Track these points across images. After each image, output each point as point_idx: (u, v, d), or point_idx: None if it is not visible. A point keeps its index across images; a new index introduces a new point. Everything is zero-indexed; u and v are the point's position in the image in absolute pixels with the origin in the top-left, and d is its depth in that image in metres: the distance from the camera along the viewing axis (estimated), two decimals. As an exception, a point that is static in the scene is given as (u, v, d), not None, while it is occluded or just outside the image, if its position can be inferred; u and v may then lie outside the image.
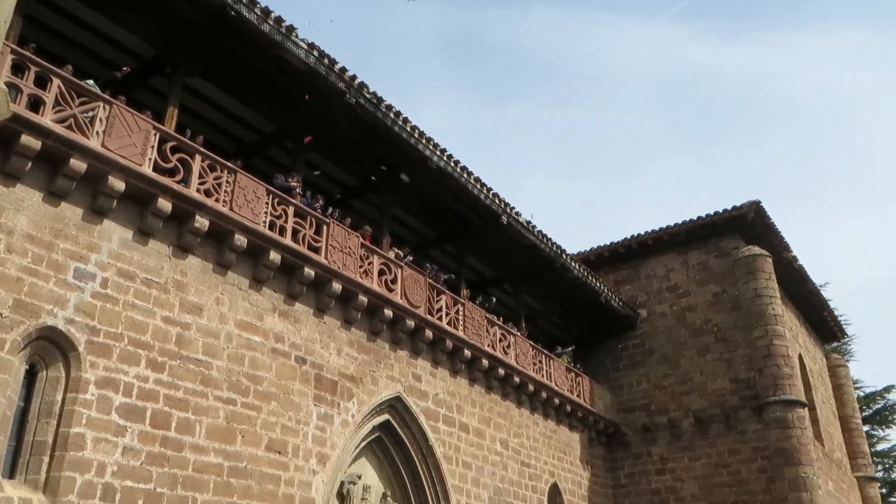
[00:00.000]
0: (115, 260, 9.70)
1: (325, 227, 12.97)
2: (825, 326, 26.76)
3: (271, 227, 11.86)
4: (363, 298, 13.37)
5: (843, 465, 24.53)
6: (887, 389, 34.87)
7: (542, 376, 18.51)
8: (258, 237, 11.44)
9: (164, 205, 10.13)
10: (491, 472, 16.06)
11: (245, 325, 11.30)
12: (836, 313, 27.34)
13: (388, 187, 15.74)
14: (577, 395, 19.88)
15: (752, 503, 19.06)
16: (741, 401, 20.05)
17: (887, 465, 33.81)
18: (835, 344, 30.47)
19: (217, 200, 10.96)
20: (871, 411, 34.28)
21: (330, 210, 14.32)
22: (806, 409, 19.49)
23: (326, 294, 12.76)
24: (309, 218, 12.76)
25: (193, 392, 10.13)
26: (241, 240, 11.15)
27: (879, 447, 33.73)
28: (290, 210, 12.39)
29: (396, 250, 15.55)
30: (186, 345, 10.27)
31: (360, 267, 13.55)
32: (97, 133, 9.48)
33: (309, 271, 12.28)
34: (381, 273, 14.09)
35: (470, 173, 15.94)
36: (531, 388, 17.99)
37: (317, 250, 12.63)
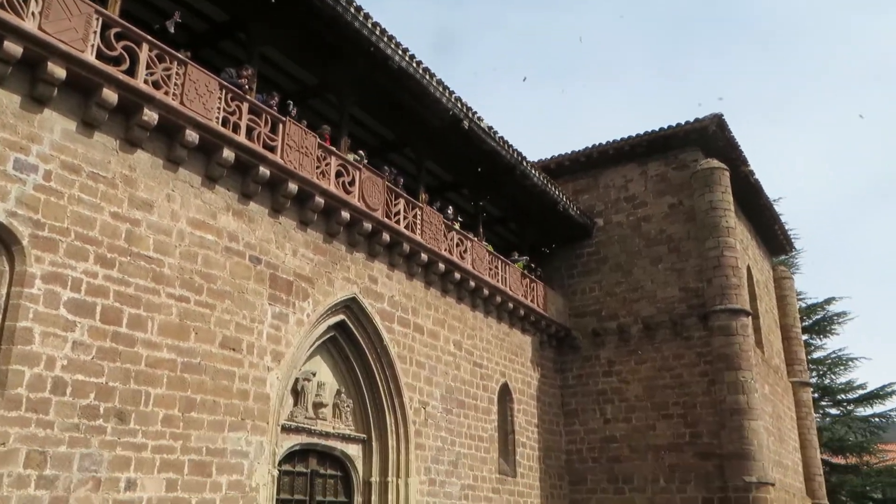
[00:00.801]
0: (59, 152, 9.36)
1: (281, 126, 12.65)
2: (775, 240, 27.48)
3: (224, 123, 11.51)
4: (320, 200, 13.24)
5: (781, 370, 25.78)
6: (828, 301, 36.36)
7: (498, 281, 18.81)
8: (211, 133, 11.11)
9: (110, 95, 9.71)
10: (444, 371, 16.51)
11: (198, 223, 11.14)
12: (786, 228, 28.03)
13: (347, 87, 15.34)
14: (531, 300, 20.30)
15: (692, 404, 20.00)
16: (689, 309, 20.71)
17: (821, 372, 35.57)
18: (782, 257, 31.39)
19: (167, 93, 10.54)
20: (811, 321, 35.78)
21: (291, 106, 13.91)
22: (749, 317, 20.25)
23: (282, 194, 12.59)
24: (264, 115, 12.41)
25: (145, 289, 10.06)
26: (192, 136, 10.82)
27: (815, 355, 35.38)
28: (245, 107, 12.02)
29: (356, 154, 15.31)
30: (137, 241, 10.12)
31: (317, 168, 13.34)
32: (33, 14, 8.91)
33: (264, 170, 12.05)
34: (338, 174, 13.91)
35: (432, 75, 15.58)
36: (486, 292, 18.29)
37: (272, 149, 12.36)
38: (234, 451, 10.87)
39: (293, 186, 12.63)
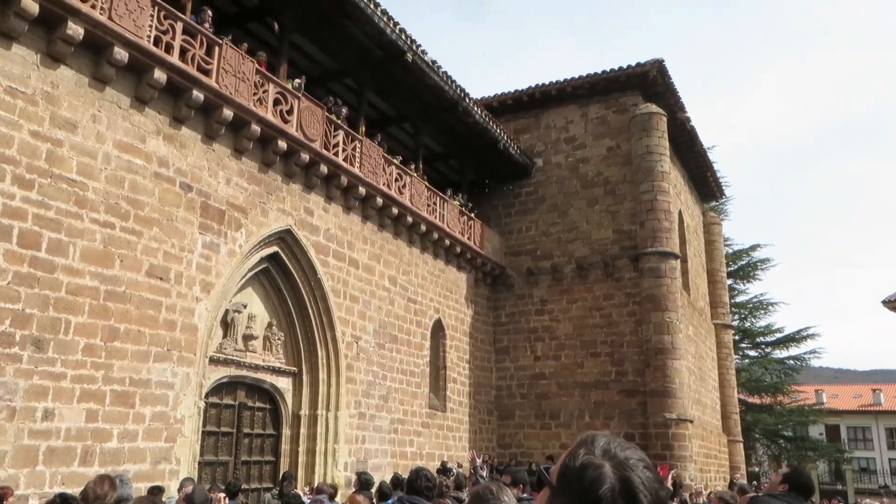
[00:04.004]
0: (-29, 64, 8.77)
1: (217, 49, 12.13)
2: (706, 186, 28.14)
3: (156, 42, 10.96)
4: (256, 128, 12.85)
5: (705, 312, 26.79)
6: (753, 248, 37.82)
7: (436, 217, 18.79)
8: (141, 52, 10.57)
9: (30, 6, 9.10)
10: (378, 306, 16.55)
11: (125, 146, 10.68)
12: (717, 175, 28.72)
13: (289, 11, 14.74)
14: (468, 238, 20.41)
15: (619, 343, 20.67)
16: (621, 250, 21.18)
17: (743, 315, 37.19)
18: (713, 203, 32.26)
19: (94, 7, 9.95)
20: (736, 267, 37.17)
21: (231, 37, 13.32)
22: (678, 260, 20.87)
23: (216, 120, 12.16)
24: (199, 37, 11.86)
25: (67, 213, 9.66)
26: (121, 53, 10.27)
27: (738, 299, 36.91)
28: (179, 26, 11.44)
29: (294, 82, 14.83)
30: (59, 163, 9.65)
31: (255, 94, 12.90)
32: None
33: (198, 94, 11.59)
34: (276, 103, 13.49)
35: (377, 4, 15.10)
36: (423, 228, 18.27)
37: (207, 73, 11.86)
38: (160, 382, 10.73)
39: (228, 112, 12.20)
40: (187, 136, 11.84)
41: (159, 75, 10.90)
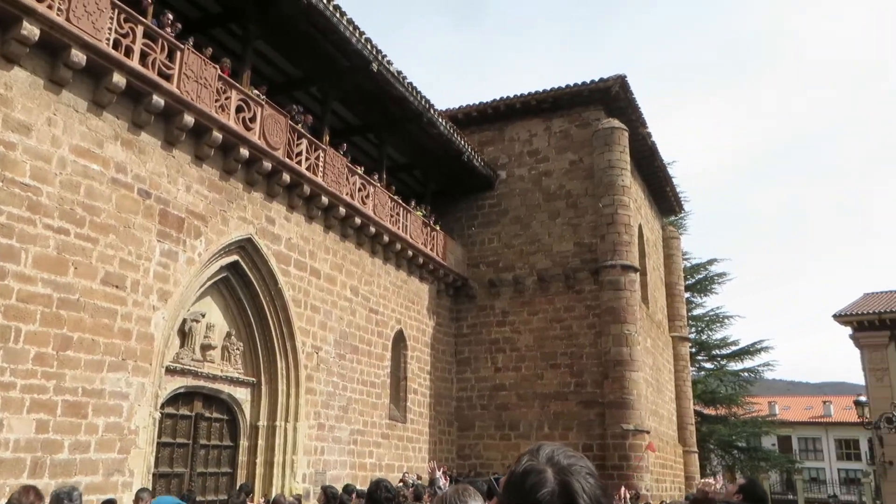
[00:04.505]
0: (-78, 64, 8.51)
1: (178, 54, 11.96)
2: (666, 200, 28.62)
3: (116, 45, 10.77)
4: (218, 135, 12.69)
5: (663, 325, 27.17)
6: (710, 262, 38.47)
7: (399, 228, 18.75)
8: (99, 55, 10.38)
9: (-18, 5, 8.87)
10: (339, 316, 16.43)
11: (82, 150, 10.45)
12: (677, 190, 29.21)
13: (253, 18, 14.62)
14: (431, 249, 20.40)
15: (579, 355, 20.83)
16: (582, 263, 21.38)
17: (700, 328, 37.78)
18: (672, 217, 32.78)
19: (50, 7, 9.74)
20: (693, 280, 37.78)
21: (193, 41, 13.15)
22: (638, 273, 21.15)
23: (177, 126, 11.98)
24: (161, 41, 11.69)
25: (19, 218, 9.41)
26: (78, 56, 10.07)
27: (696, 312, 37.49)
28: (140, 30, 11.26)
29: (257, 91, 14.71)
30: (11, 166, 9.40)
31: (217, 101, 12.74)
32: None
33: (158, 99, 11.41)
34: (238, 110, 13.34)
35: (343, 13, 15.07)
36: (386, 238, 18.22)
37: (168, 78, 11.70)
38: (114, 392, 10.48)
39: (189, 119, 12.03)
40: (146, 142, 11.64)
41: (118, 79, 10.71)
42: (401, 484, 13.63)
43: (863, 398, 20.35)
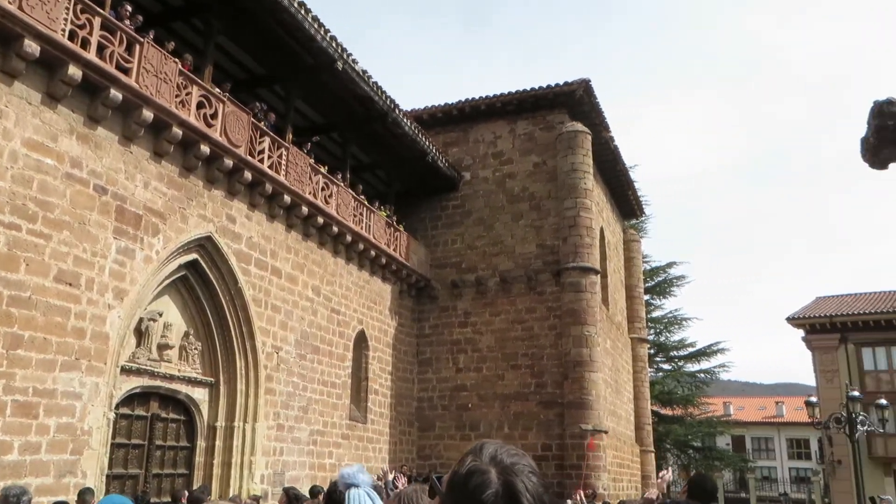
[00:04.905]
0: None
1: (138, 47, 11.73)
2: (628, 204, 28.97)
3: (72, 37, 10.51)
4: (177, 131, 12.48)
5: (623, 326, 27.49)
6: (669, 265, 39.10)
7: (362, 228, 18.66)
8: (54, 46, 10.12)
9: (-67, -7, 8.59)
10: (300, 316, 16.28)
11: (35, 144, 10.19)
12: (638, 194, 29.60)
13: (216, 13, 14.41)
14: (394, 249, 20.34)
15: (539, 355, 20.97)
16: (544, 265, 21.53)
17: (658, 330, 38.34)
18: (633, 221, 33.21)
19: (2, -4, 9.45)
20: (653, 283, 38.34)
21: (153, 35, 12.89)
22: (598, 276, 21.36)
23: (135, 121, 11.75)
24: (119, 34, 11.44)
25: (-31, 214, 9.13)
26: (31, 46, 9.81)
27: (654, 314, 38.05)
28: (97, 21, 11.01)
29: (220, 88, 14.50)
30: (-39, 160, 9.12)
31: (177, 96, 12.52)
32: None
33: (115, 93, 11.17)
34: (199, 106, 13.14)
35: (308, 10, 14.93)
36: (349, 238, 18.12)
37: (126, 71, 11.45)
38: (66, 392, 10.24)
39: (148, 114, 11.81)
40: (103, 137, 11.39)
41: (74, 71, 10.45)
42: (379, 483, 13.50)
43: (813, 399, 20.84)
